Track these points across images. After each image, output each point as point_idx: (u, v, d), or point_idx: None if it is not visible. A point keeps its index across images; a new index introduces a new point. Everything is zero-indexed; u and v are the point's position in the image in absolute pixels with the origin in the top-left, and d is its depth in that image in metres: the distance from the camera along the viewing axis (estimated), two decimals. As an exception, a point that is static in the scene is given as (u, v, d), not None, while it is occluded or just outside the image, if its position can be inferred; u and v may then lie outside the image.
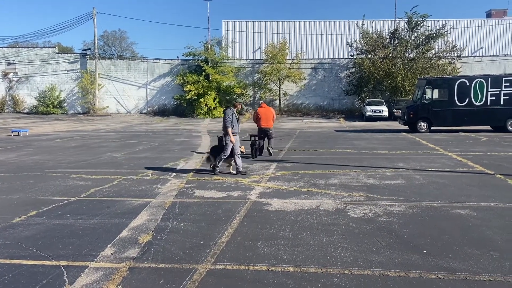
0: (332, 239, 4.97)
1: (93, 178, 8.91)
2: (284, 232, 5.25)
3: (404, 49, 32.45)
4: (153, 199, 7.05)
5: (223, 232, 5.27)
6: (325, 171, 9.53)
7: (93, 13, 37.30)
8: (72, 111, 38.21)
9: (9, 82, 38.70)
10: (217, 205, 6.62)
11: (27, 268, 4.19)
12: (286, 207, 6.47)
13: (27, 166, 10.69)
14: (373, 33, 33.89)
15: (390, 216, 5.90)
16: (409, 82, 31.58)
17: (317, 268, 4.14)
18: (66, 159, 11.89)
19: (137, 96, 38.39)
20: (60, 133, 21.10)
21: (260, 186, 8.00)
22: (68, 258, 4.42)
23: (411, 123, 20.00)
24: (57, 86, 37.92)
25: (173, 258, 4.42)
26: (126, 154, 12.82)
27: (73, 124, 28.57)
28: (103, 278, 3.93)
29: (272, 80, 36.30)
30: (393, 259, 4.37)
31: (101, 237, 5.12)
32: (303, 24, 39.25)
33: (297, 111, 36.71)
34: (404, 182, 8.31)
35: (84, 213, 6.22)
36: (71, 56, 39.60)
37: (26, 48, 39.83)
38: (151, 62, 39.01)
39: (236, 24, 39.43)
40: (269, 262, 4.28)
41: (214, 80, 34.80)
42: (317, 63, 37.51)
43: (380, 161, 11.05)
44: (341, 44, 37.61)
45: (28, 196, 7.37)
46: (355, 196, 7.15)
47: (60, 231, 5.37)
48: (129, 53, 65.94)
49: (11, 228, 5.49)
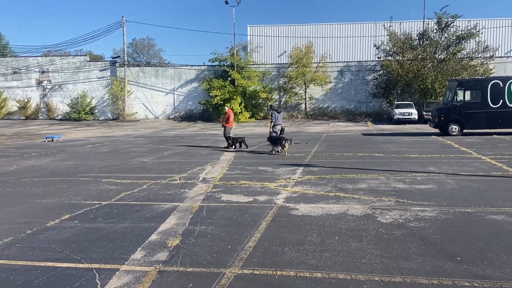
0: (361, 245, 4.89)
1: (123, 183, 9.11)
2: (311, 237, 5.20)
3: (434, 50, 31.72)
4: (181, 203, 7.13)
5: (250, 236, 5.27)
6: (353, 176, 9.39)
7: (122, 21, 38.31)
8: (103, 117, 39.27)
9: (43, 90, 40.18)
10: (243, 210, 6.63)
11: (60, 270, 4.31)
12: (313, 212, 6.41)
13: (60, 171, 11.04)
14: (401, 34, 33.30)
15: (421, 222, 5.75)
16: (440, 84, 30.82)
17: (346, 274, 4.07)
18: (97, 164, 12.22)
19: (165, 102, 39.08)
20: (91, 139, 21.72)
21: (287, 191, 7.97)
22: (100, 261, 4.52)
23: (442, 126, 19.47)
24: (88, 93, 39.09)
25: (201, 262, 4.45)
26: (154, 159, 13.05)
27: (104, 130, 29.36)
28: (134, 281, 4.00)
29: (298, 84, 36.20)
30: (425, 266, 4.25)
31: (131, 240, 5.22)
32: (329, 27, 38.98)
33: (323, 114, 36.44)
34: (435, 186, 8.09)
35: (115, 217, 6.36)
36: (102, 64, 40.77)
37: (59, 57, 41.28)
38: (178, 68, 39.66)
39: (261, 29, 39.59)
40: (297, 268, 4.25)
41: (240, 85, 35.01)
42: (344, 66, 37.16)
43: (410, 165, 10.80)
44: (368, 46, 37.13)
45: (62, 200, 7.60)
46: (384, 201, 7.01)
47: (92, 234, 5.51)
48: (157, 59, 67.32)
49: (45, 231, 5.67)
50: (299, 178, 9.32)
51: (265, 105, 37.66)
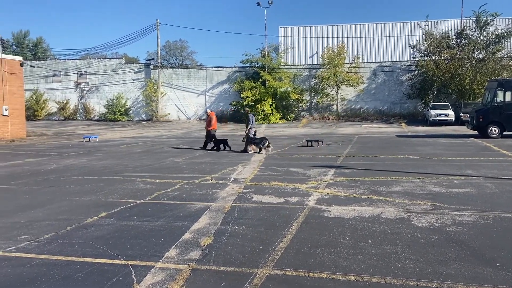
0: (395, 249, 4.78)
1: (157, 182, 9.31)
2: (344, 240, 5.14)
3: (472, 50, 30.67)
4: (213, 203, 7.22)
5: (281, 237, 5.27)
6: (386, 178, 9.21)
7: (156, 24, 39.19)
8: (137, 118, 40.30)
9: (81, 92, 41.70)
10: (275, 211, 6.63)
11: (98, 266, 4.46)
12: (346, 214, 6.33)
13: (97, 170, 11.42)
14: (438, 33, 32.38)
15: (459, 227, 5.56)
16: (478, 84, 29.77)
17: (380, 278, 3.99)
18: (132, 163, 12.56)
19: (197, 103, 39.67)
20: (126, 139, 22.33)
21: (318, 192, 7.91)
22: (136, 258, 4.64)
23: (480, 127, 18.79)
24: (123, 94, 40.24)
25: (234, 261, 4.49)
26: (186, 159, 13.27)
27: (138, 130, 30.12)
28: (168, 279, 4.08)
29: (329, 84, 35.86)
30: (463, 271, 4.11)
31: (165, 239, 5.33)
32: (362, 27, 38.39)
33: (355, 116, 35.91)
34: (474, 190, 7.80)
35: (149, 215, 6.52)
36: (136, 66, 41.87)
37: (96, 60, 42.74)
38: (210, 70, 40.17)
39: (293, 30, 39.48)
40: (329, 270, 4.21)
41: (271, 86, 35.04)
42: (377, 66, 36.50)
43: (446, 168, 10.47)
44: (403, 46, 36.34)
45: (99, 198, 7.86)
46: (419, 204, 6.83)
47: (128, 232, 5.67)
48: (189, 61, 68.51)
49: (84, 228, 5.88)
50: (331, 179, 9.23)
51: (296, 106, 37.53)
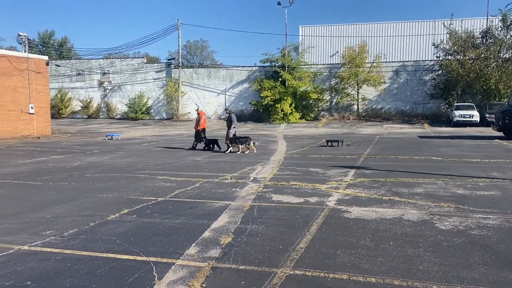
0: (418, 251, 4.70)
1: (177, 180, 9.41)
2: (365, 241, 5.08)
3: (498, 49, 29.87)
4: (232, 202, 7.25)
5: (301, 237, 5.25)
6: (409, 179, 9.06)
7: (178, 24, 39.60)
8: (158, 116, 40.83)
9: (104, 90, 42.51)
10: (294, 210, 6.61)
11: (121, 262, 4.54)
12: (367, 215, 6.26)
13: (119, 167, 11.62)
14: (462, 32, 31.65)
15: (483, 230, 5.43)
16: (504, 84, 28.98)
17: (402, 280, 3.93)
18: (153, 161, 12.72)
19: (216, 102, 39.90)
20: (147, 137, 22.65)
21: (338, 193, 7.84)
22: (157, 255, 4.70)
23: (506, 129, 18.29)
24: (145, 93, 40.84)
25: (253, 260, 4.50)
26: (206, 158, 13.36)
27: (159, 129, 30.50)
28: (189, 276, 4.12)
29: (350, 84, 35.51)
30: (488, 276, 4.01)
31: (186, 236, 5.38)
32: (384, 26, 37.87)
33: (376, 116, 35.45)
34: (499, 193, 7.60)
35: (170, 213, 6.59)
36: (158, 66, 42.42)
37: (118, 59, 43.48)
38: (230, 69, 40.33)
39: (313, 29, 39.26)
40: (349, 271, 4.17)
41: (291, 86, 34.94)
42: (399, 66, 35.93)
43: (470, 169, 10.23)
44: (426, 45, 35.68)
45: (121, 195, 8.00)
46: (443, 206, 6.70)
47: (149, 229, 5.75)
48: (209, 61, 68.96)
49: (107, 225, 5.99)
50: (351, 180, 9.13)
51: (316, 105, 37.30)
